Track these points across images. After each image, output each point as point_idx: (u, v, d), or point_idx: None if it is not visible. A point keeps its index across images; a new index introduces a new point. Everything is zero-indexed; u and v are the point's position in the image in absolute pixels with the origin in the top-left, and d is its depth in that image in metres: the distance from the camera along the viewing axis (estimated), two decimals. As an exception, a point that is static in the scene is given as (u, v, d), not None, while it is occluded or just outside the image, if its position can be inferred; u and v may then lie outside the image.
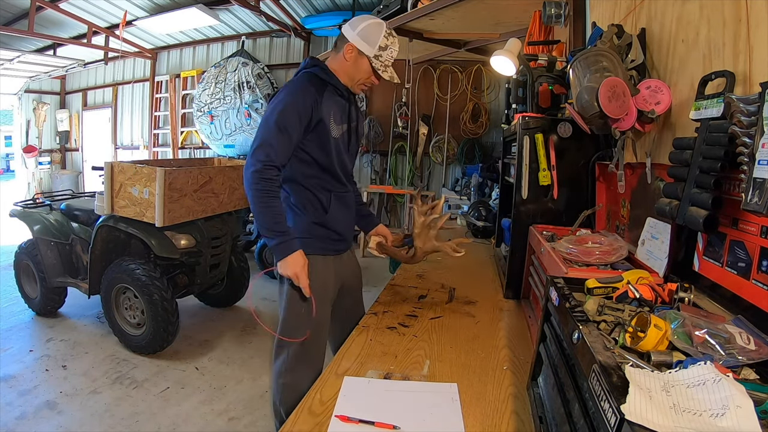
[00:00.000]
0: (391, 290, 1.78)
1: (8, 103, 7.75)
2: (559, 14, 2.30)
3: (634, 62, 1.22)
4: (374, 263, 5.12)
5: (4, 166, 14.87)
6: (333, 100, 1.44)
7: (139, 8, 5.49)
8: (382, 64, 1.44)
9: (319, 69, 1.44)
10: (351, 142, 1.54)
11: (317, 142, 1.42)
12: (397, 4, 3.71)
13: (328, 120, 1.41)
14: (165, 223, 2.50)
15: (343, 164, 1.51)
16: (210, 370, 2.64)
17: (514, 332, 1.43)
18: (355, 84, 1.48)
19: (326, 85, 1.43)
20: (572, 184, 1.60)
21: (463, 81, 5.39)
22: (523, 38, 2.79)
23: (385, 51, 1.42)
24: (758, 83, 0.73)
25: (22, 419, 2.14)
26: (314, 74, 1.43)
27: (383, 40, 1.41)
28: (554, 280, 0.91)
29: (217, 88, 5.87)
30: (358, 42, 1.41)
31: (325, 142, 1.42)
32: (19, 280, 3.36)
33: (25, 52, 6.04)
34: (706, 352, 0.62)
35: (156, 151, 7.06)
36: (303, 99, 1.36)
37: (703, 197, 0.83)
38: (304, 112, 1.35)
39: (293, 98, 1.36)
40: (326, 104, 1.40)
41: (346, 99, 1.50)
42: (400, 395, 1.05)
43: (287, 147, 1.35)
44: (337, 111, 1.45)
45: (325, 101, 1.40)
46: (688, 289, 0.82)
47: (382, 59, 1.43)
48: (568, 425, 0.68)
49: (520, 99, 2.06)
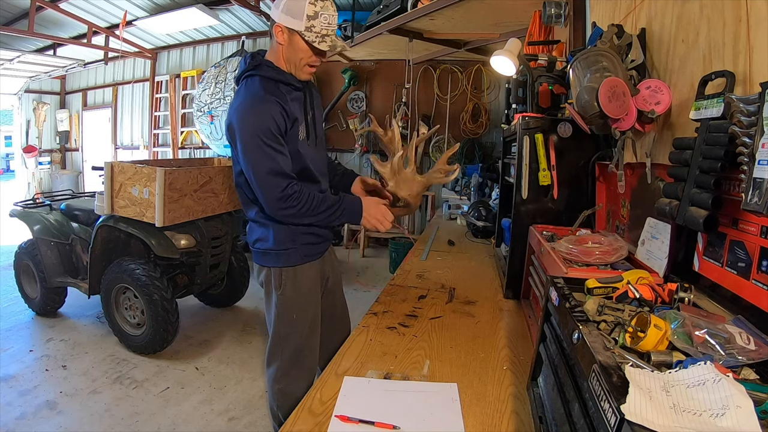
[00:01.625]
0: (391, 290, 1.78)
1: (8, 103, 7.74)
2: (559, 14, 2.30)
3: (634, 62, 1.22)
4: (374, 263, 5.12)
5: (4, 166, 14.87)
6: (292, 98, 1.34)
7: (139, 8, 5.49)
8: (317, 35, 1.27)
9: (264, 68, 1.32)
10: (317, 134, 1.45)
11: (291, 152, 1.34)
12: (397, 4, 3.71)
13: (294, 124, 1.34)
14: (165, 223, 2.50)
15: (316, 163, 1.44)
16: (210, 370, 2.64)
17: (514, 332, 1.43)
18: (299, 69, 1.34)
19: (278, 86, 1.32)
20: (572, 184, 1.60)
21: (463, 81, 5.39)
22: (523, 38, 2.79)
23: (316, 19, 1.25)
24: (758, 83, 0.73)
25: (22, 419, 2.14)
26: (262, 77, 1.32)
27: (309, 8, 1.24)
28: (554, 280, 0.91)
29: (217, 88, 5.86)
30: (285, 19, 1.26)
31: (295, 150, 1.35)
32: (19, 280, 3.36)
33: (25, 52, 6.04)
34: (706, 352, 0.62)
35: (156, 151, 7.06)
36: (272, 112, 1.26)
37: (703, 197, 0.83)
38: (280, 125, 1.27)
39: (262, 117, 1.25)
40: (289, 107, 1.31)
41: (301, 90, 1.39)
42: (400, 395, 1.05)
43: (287, 163, 1.29)
44: (297, 109, 1.36)
45: (287, 104, 1.31)
46: (688, 289, 0.82)
47: (315, 30, 1.26)
48: (568, 425, 0.68)
49: (520, 99, 2.06)
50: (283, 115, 1.29)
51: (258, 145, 1.24)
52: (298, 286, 1.44)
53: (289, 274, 1.43)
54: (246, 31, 6.19)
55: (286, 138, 1.32)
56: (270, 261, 1.43)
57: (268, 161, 1.25)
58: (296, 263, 1.40)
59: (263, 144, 1.24)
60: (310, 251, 1.46)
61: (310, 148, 1.42)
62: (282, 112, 1.28)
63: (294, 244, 1.42)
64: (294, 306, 1.44)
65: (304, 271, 1.43)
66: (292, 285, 1.43)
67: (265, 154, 1.25)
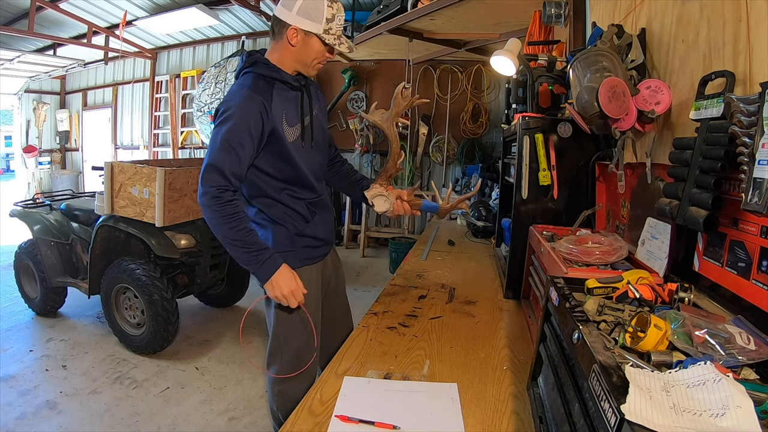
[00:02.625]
0: (391, 290, 1.78)
1: (8, 103, 7.74)
2: (559, 14, 2.30)
3: (634, 62, 1.22)
4: (374, 263, 5.12)
5: (4, 166, 14.87)
6: (283, 99, 1.31)
7: (139, 8, 5.49)
8: (335, 37, 1.29)
9: (260, 66, 1.30)
10: (314, 137, 1.41)
11: (275, 153, 1.31)
12: (397, 4, 3.71)
13: (281, 125, 1.30)
14: (165, 223, 2.50)
15: (311, 166, 1.40)
16: (210, 370, 2.64)
17: (514, 332, 1.43)
18: (308, 67, 1.34)
19: (273, 83, 1.30)
20: (572, 184, 1.60)
21: (463, 81, 5.39)
22: (523, 38, 2.79)
23: (333, 22, 1.27)
24: (758, 83, 0.73)
25: (22, 419, 2.14)
26: (256, 75, 1.30)
27: (328, 11, 1.25)
28: (554, 280, 0.91)
29: (217, 88, 5.86)
30: (301, 22, 1.25)
31: (283, 152, 1.31)
32: (19, 280, 3.36)
33: (25, 52, 6.04)
34: (706, 352, 0.62)
35: (156, 151, 7.06)
36: (250, 110, 1.23)
37: (703, 197, 0.83)
38: (254, 126, 1.24)
39: (239, 111, 1.23)
40: (276, 107, 1.28)
41: (298, 89, 1.37)
42: (400, 395, 1.05)
43: (238, 167, 1.24)
44: (290, 110, 1.33)
45: (275, 104, 1.28)
46: (688, 289, 0.82)
47: (332, 32, 1.28)
48: (568, 425, 0.68)
49: (520, 99, 2.06)
50: (263, 116, 1.25)
51: (223, 137, 1.22)
52: None
53: None
54: (246, 31, 6.18)
55: (267, 138, 1.29)
56: None
57: (223, 154, 1.22)
58: (295, 266, 1.39)
59: (228, 137, 1.22)
60: (309, 254, 1.45)
61: (305, 150, 1.38)
62: (262, 112, 1.25)
63: (293, 247, 1.40)
64: (293, 308, 1.43)
65: (303, 274, 1.42)
66: None
67: (224, 148, 1.22)
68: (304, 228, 1.41)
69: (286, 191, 1.37)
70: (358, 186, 1.64)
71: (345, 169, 1.67)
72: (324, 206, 1.48)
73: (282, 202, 1.38)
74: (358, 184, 1.65)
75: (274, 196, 1.37)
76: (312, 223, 1.43)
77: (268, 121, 1.26)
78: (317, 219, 1.45)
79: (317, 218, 1.45)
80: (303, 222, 1.41)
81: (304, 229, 1.42)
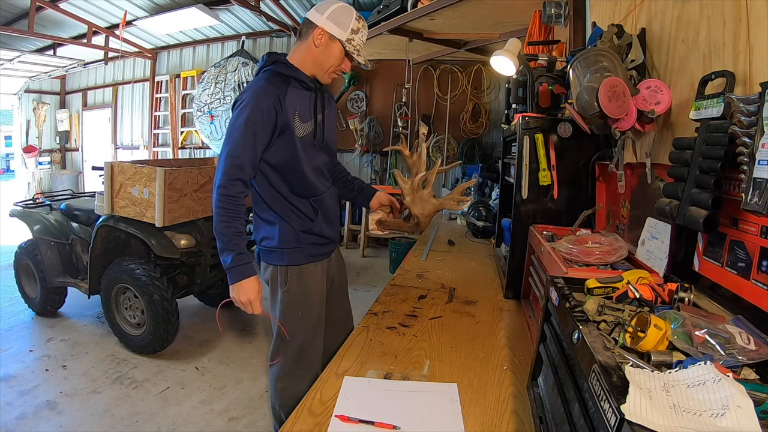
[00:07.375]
0: (391, 290, 1.78)
1: (8, 103, 7.75)
2: (559, 14, 2.30)
3: (634, 62, 1.22)
4: (374, 263, 5.12)
5: (4, 166, 14.87)
6: (297, 95, 1.36)
7: (139, 8, 5.49)
8: (355, 49, 1.37)
9: (279, 65, 1.36)
10: (324, 136, 1.45)
11: (284, 147, 1.35)
12: (397, 4, 3.71)
13: (293, 120, 1.34)
14: (165, 223, 2.50)
15: (316, 163, 1.43)
16: (210, 370, 2.64)
17: (514, 332, 1.43)
18: (324, 73, 1.40)
19: (289, 81, 1.35)
20: (572, 184, 1.60)
21: (463, 81, 5.39)
22: (523, 38, 2.79)
23: (356, 35, 1.35)
24: (758, 83, 0.73)
25: (22, 419, 2.14)
26: (274, 72, 1.35)
27: (355, 23, 1.34)
28: (554, 280, 0.91)
29: (217, 88, 5.87)
30: (329, 26, 1.33)
31: (291, 146, 1.35)
32: (19, 280, 3.36)
33: (25, 52, 6.04)
34: (706, 352, 0.62)
35: (156, 151, 7.06)
36: (265, 102, 1.28)
37: (703, 197, 0.83)
38: (268, 117, 1.29)
39: (254, 100, 1.29)
40: (290, 102, 1.33)
41: (312, 90, 1.41)
42: (400, 395, 1.05)
43: (253, 156, 1.30)
44: (303, 107, 1.37)
45: (288, 99, 1.32)
46: (688, 289, 0.82)
47: (354, 43, 1.36)
48: (568, 425, 0.68)
49: (520, 99, 2.06)
50: (276, 107, 1.29)
51: (240, 126, 1.27)
52: (303, 284, 1.44)
53: (295, 272, 1.43)
54: (246, 31, 6.19)
55: (278, 130, 1.33)
56: (276, 259, 1.44)
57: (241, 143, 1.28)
58: (302, 262, 1.41)
59: (245, 126, 1.27)
60: (315, 251, 1.47)
61: (315, 149, 1.41)
62: (275, 104, 1.29)
63: (299, 243, 1.43)
64: (299, 303, 1.44)
65: (309, 270, 1.43)
66: (297, 283, 1.44)
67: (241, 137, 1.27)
68: (308, 225, 1.44)
69: (292, 187, 1.40)
70: (351, 186, 1.70)
71: (338, 171, 1.70)
72: (329, 203, 1.51)
73: (287, 197, 1.41)
74: (350, 185, 1.71)
75: (281, 192, 1.40)
76: (317, 221, 1.45)
77: (281, 113, 1.31)
78: (322, 216, 1.47)
79: (322, 216, 1.47)
80: (308, 220, 1.44)
81: (310, 227, 1.44)
